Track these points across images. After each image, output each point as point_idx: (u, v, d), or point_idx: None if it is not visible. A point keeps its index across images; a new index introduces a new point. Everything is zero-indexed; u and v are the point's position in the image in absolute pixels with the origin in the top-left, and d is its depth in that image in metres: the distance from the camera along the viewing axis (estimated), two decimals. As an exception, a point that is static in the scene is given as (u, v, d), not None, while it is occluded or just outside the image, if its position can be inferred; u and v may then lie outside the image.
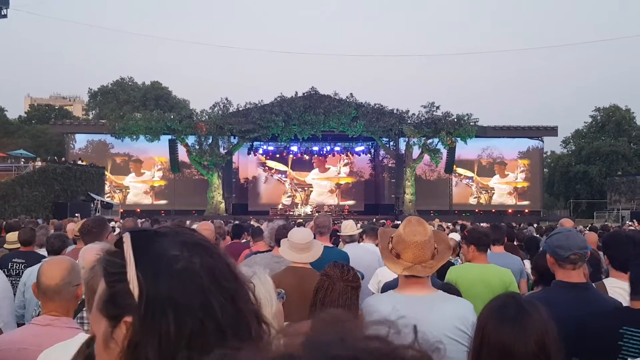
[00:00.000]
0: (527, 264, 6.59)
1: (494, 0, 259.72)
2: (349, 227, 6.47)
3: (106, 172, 38.10)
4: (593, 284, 3.08)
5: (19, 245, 6.46)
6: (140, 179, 40.41)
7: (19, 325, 4.29)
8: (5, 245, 6.72)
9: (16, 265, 5.60)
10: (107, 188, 37.88)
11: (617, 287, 2.90)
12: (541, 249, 6.85)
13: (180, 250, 0.90)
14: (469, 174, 42.06)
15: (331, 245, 5.70)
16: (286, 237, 4.12)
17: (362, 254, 5.67)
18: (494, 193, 42.18)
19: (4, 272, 5.61)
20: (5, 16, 45.65)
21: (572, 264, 2.83)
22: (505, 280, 4.38)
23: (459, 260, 6.50)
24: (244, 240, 7.67)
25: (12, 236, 6.67)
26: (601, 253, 4.85)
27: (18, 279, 5.09)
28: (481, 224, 15.39)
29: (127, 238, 0.91)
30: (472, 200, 42.01)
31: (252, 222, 13.08)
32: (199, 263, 0.89)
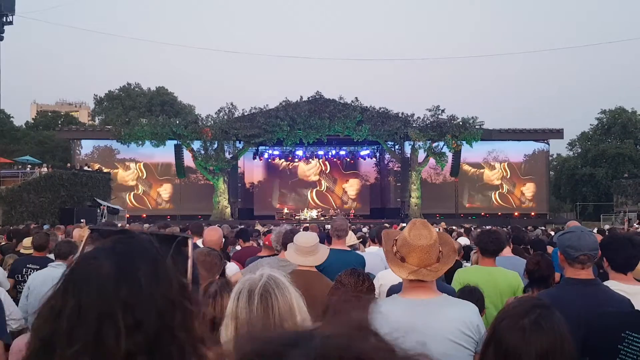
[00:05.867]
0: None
1: (499, 3, 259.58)
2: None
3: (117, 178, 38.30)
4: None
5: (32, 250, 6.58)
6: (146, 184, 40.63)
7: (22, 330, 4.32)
8: (22, 250, 6.87)
9: (30, 270, 5.64)
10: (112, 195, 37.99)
11: (618, 290, 2.91)
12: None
13: None
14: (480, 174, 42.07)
15: (348, 248, 5.47)
16: (292, 241, 4.13)
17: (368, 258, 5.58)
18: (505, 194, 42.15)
19: (18, 277, 5.72)
20: (11, 23, 46.01)
21: (580, 264, 2.87)
22: (513, 284, 4.31)
23: (469, 263, 6.51)
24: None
25: (28, 241, 6.77)
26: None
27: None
28: (486, 227, 15.35)
29: None
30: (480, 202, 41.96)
31: (257, 227, 13.07)
32: None
